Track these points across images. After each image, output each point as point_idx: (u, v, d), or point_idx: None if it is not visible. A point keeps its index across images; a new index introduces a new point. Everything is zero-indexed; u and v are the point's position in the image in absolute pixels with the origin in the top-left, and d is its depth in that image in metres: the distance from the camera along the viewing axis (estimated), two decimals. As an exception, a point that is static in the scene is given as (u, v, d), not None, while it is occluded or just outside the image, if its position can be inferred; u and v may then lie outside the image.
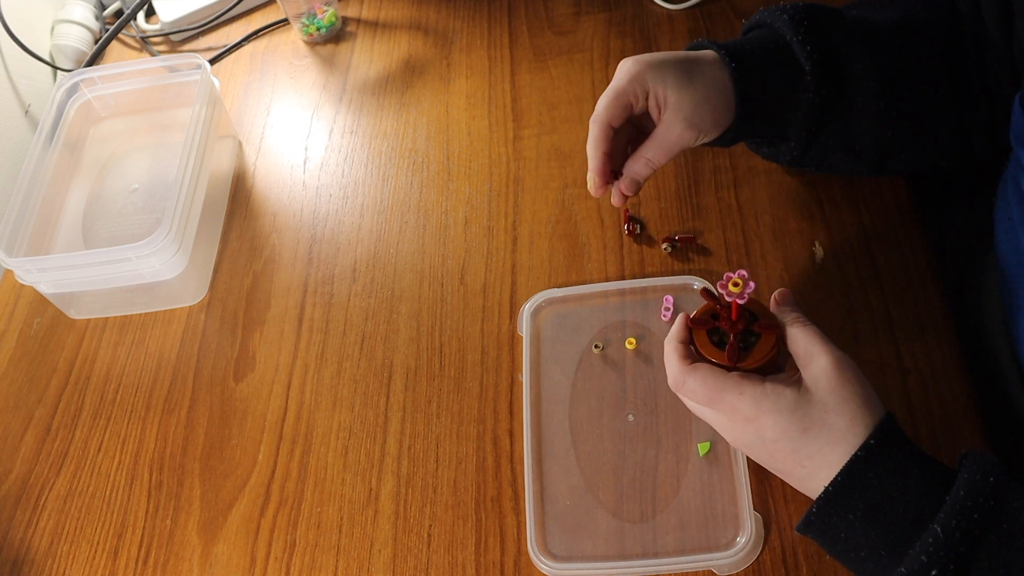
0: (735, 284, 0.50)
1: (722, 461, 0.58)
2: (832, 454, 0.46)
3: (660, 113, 0.58)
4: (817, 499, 0.46)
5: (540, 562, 0.56)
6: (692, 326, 0.53)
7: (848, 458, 0.45)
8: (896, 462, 0.45)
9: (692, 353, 0.53)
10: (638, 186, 0.59)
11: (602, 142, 0.58)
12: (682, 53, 0.59)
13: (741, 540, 0.55)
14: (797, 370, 0.50)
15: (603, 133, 0.58)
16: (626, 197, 0.61)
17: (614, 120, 0.58)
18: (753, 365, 0.50)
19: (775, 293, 0.53)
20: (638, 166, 0.59)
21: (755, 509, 0.56)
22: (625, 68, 0.58)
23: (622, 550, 0.56)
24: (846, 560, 0.47)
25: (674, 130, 0.57)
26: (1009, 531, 0.42)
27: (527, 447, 0.61)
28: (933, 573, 0.42)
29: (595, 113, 0.58)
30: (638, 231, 0.71)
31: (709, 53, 0.59)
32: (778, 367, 0.52)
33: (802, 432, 0.47)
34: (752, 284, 0.50)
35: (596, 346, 0.65)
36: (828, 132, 0.60)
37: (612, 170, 0.60)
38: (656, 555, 0.55)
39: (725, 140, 0.60)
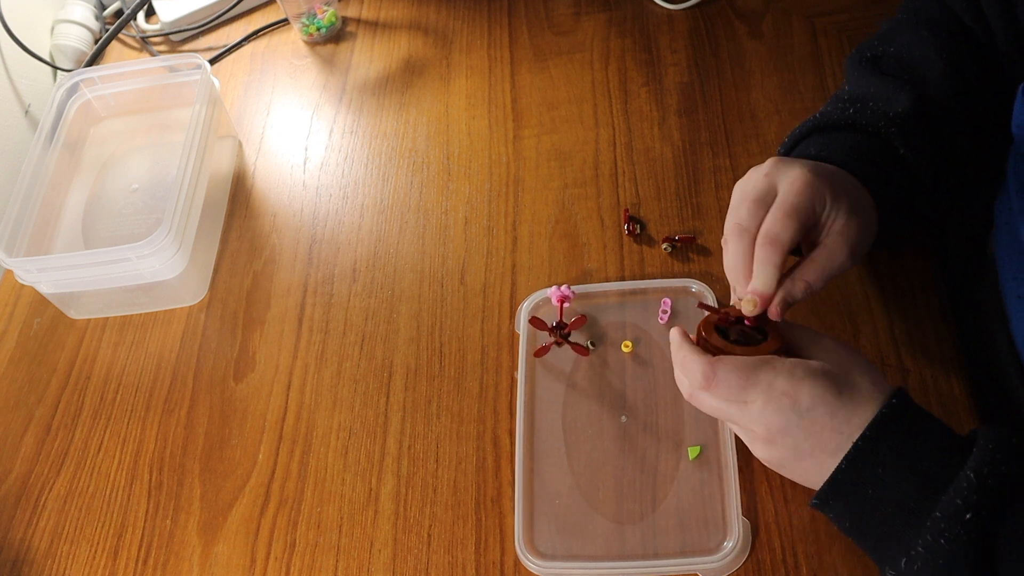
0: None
1: (712, 465, 0.58)
2: (866, 412, 0.47)
3: (820, 233, 0.54)
4: (846, 455, 0.47)
5: (527, 560, 0.56)
6: (704, 330, 0.53)
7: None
8: (920, 420, 0.47)
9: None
10: (789, 307, 0.53)
11: (780, 267, 0.52)
12: (837, 170, 0.55)
13: (728, 545, 0.55)
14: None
15: (782, 258, 0.52)
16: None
17: (795, 243, 0.52)
18: (778, 345, 0.52)
19: (769, 310, 0.54)
20: (796, 289, 0.52)
21: (744, 515, 0.56)
22: (802, 180, 0.52)
23: (612, 550, 0.56)
24: (867, 524, 0.47)
25: (839, 256, 0.53)
26: None
27: (519, 445, 0.61)
28: (968, 516, 0.42)
29: (772, 233, 0.52)
30: (638, 231, 0.71)
31: (847, 175, 0.56)
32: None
33: (838, 394, 0.48)
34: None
35: (592, 346, 0.65)
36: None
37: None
38: (646, 556, 0.55)
39: None
